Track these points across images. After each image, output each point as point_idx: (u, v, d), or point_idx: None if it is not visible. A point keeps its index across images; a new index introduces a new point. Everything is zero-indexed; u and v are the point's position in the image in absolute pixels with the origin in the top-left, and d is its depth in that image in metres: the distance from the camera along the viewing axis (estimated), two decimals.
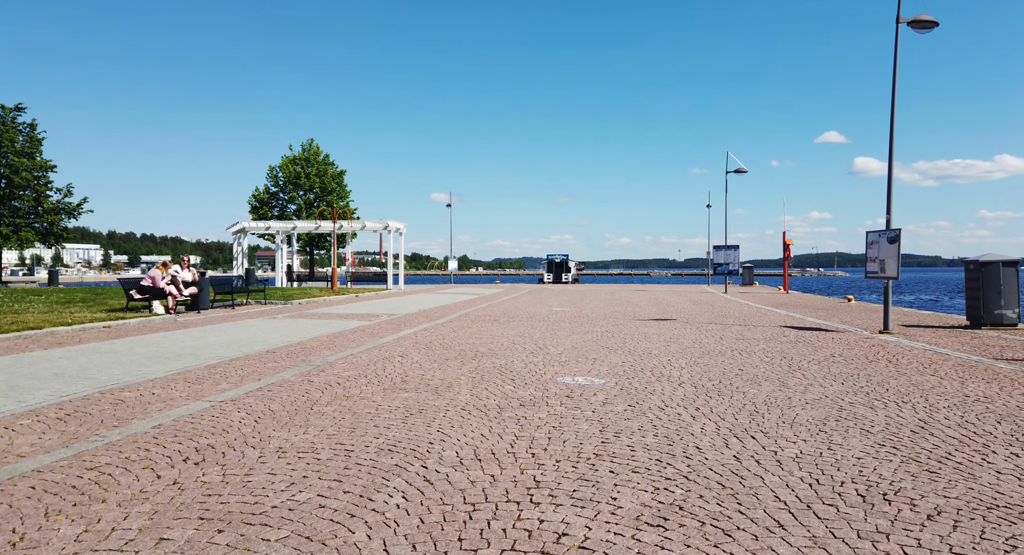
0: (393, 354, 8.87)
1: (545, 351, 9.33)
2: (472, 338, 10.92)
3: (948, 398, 6.14)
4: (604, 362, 8.30)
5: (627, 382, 6.89)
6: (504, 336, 11.27)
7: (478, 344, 10.08)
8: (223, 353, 8.69)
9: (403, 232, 30.58)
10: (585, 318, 15.37)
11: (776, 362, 8.44)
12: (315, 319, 14.38)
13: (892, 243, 12.68)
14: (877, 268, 13.19)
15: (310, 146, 37.81)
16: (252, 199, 37.37)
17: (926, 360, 8.64)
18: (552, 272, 54.98)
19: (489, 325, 13.37)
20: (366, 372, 7.31)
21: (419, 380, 6.87)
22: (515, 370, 7.61)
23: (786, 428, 4.98)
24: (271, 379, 6.76)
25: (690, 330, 12.66)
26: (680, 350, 9.59)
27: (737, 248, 34.69)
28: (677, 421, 5.19)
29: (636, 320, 14.99)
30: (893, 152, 12.79)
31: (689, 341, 10.76)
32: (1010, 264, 13.14)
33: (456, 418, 5.19)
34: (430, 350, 9.35)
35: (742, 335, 11.88)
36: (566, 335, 11.51)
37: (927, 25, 12.10)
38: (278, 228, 30.35)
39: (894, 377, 7.31)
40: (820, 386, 6.75)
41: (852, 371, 7.72)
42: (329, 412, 5.29)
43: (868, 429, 4.95)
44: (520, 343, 10.27)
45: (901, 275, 13.64)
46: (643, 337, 11.31)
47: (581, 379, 7.04)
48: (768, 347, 10.01)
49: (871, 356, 9.05)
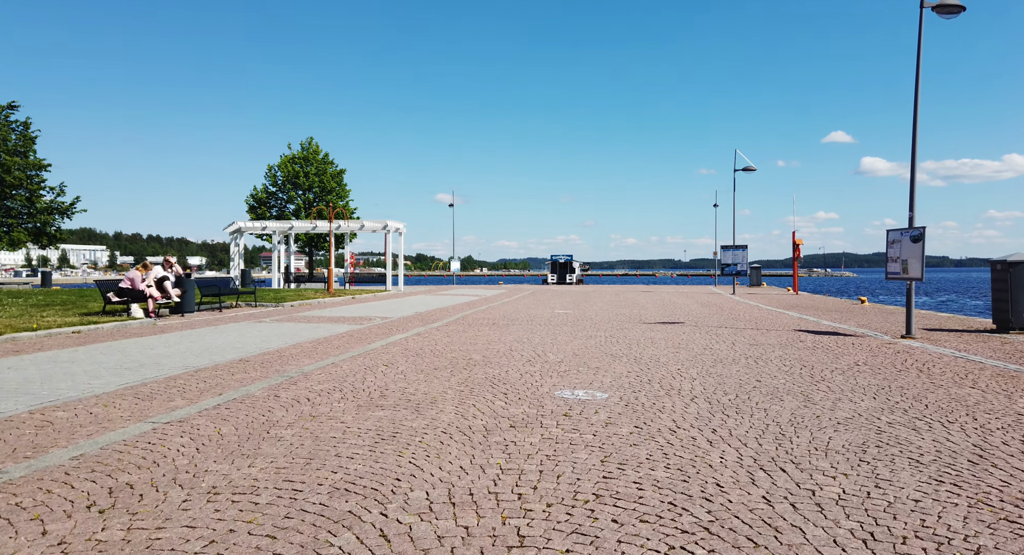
0: (378, 363, 8.15)
1: (544, 359, 8.60)
2: (466, 344, 10.19)
3: (999, 417, 5.37)
4: (608, 372, 7.56)
5: (633, 396, 6.15)
6: (501, 342, 10.54)
7: (472, 351, 9.36)
8: (191, 362, 7.98)
9: (403, 232, 29.88)
10: (588, 321, 14.63)
11: (796, 372, 7.68)
12: (303, 323, 13.68)
13: (916, 242, 11.88)
14: (899, 268, 12.40)
15: (309, 145, 37.12)
16: (250, 199, 36.72)
17: (960, 369, 7.87)
18: (556, 273, 54.24)
19: (486, 329, 12.65)
20: (342, 385, 6.59)
21: (400, 395, 6.14)
22: (509, 382, 6.88)
23: (820, 457, 4.23)
24: (233, 394, 6.05)
25: (700, 335, 11.90)
26: (690, 358, 8.85)
27: (745, 248, 33.88)
28: (692, 447, 4.45)
29: (642, 323, 14.25)
30: (916, 146, 12.00)
31: (699, 347, 10.01)
32: None
33: (434, 444, 4.46)
34: (419, 358, 8.63)
35: (755, 340, 11.12)
36: (567, 340, 10.77)
37: (953, 10, 11.30)
38: (275, 228, 29.68)
39: (930, 390, 6.55)
40: (850, 401, 5.99)
41: (882, 383, 6.95)
42: (287, 436, 4.57)
43: (917, 459, 4.20)
44: (518, 350, 9.54)
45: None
46: (650, 343, 10.56)
47: (581, 393, 6.30)
48: (785, 354, 9.25)
49: (899, 365, 8.28)
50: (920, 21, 11.50)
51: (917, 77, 11.85)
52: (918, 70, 11.82)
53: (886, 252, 12.91)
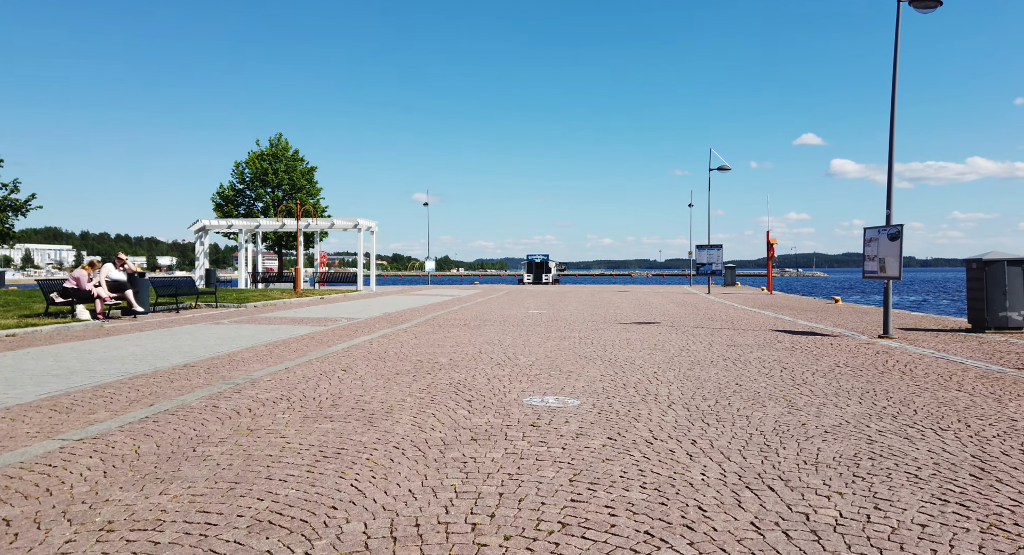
0: (335, 368, 7.60)
1: (514, 362, 8.13)
2: (434, 346, 9.68)
3: (992, 423, 5.06)
4: (581, 376, 7.13)
5: (606, 403, 5.72)
6: (471, 344, 10.06)
7: (439, 354, 8.85)
8: (130, 368, 7.34)
9: (375, 231, 29.17)
10: (563, 322, 14.22)
11: (776, 374, 7.34)
12: (263, 324, 13.02)
13: (893, 240, 11.70)
14: (876, 267, 12.22)
15: (278, 141, 36.04)
16: (216, 196, 35.51)
17: (943, 371, 7.61)
18: (532, 272, 53.90)
19: (457, 330, 12.15)
20: (291, 393, 6.03)
21: (354, 403, 5.62)
22: (475, 388, 6.40)
23: (810, 472, 3.84)
24: (166, 404, 5.46)
25: (676, 335, 11.56)
26: (667, 359, 8.47)
27: (720, 248, 33.91)
28: (670, 462, 4.02)
29: (617, 324, 13.88)
30: (894, 144, 11.82)
31: (676, 348, 9.65)
32: (1016, 263, 12.23)
33: (383, 462, 3.96)
34: (381, 362, 8.10)
35: (733, 341, 10.81)
36: (540, 342, 10.33)
37: (930, 4, 11.14)
38: (241, 226, 28.71)
39: (916, 393, 6.24)
40: (835, 407, 5.64)
41: (866, 386, 6.64)
42: (215, 455, 4.03)
43: (915, 473, 3.83)
44: (487, 352, 9.07)
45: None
46: (625, 344, 10.17)
47: (552, 400, 5.85)
48: (764, 355, 8.93)
49: (880, 366, 8.00)
50: (897, 15, 11.32)
51: (895, 72, 11.67)
52: (895, 65, 11.64)
53: (863, 251, 12.73)
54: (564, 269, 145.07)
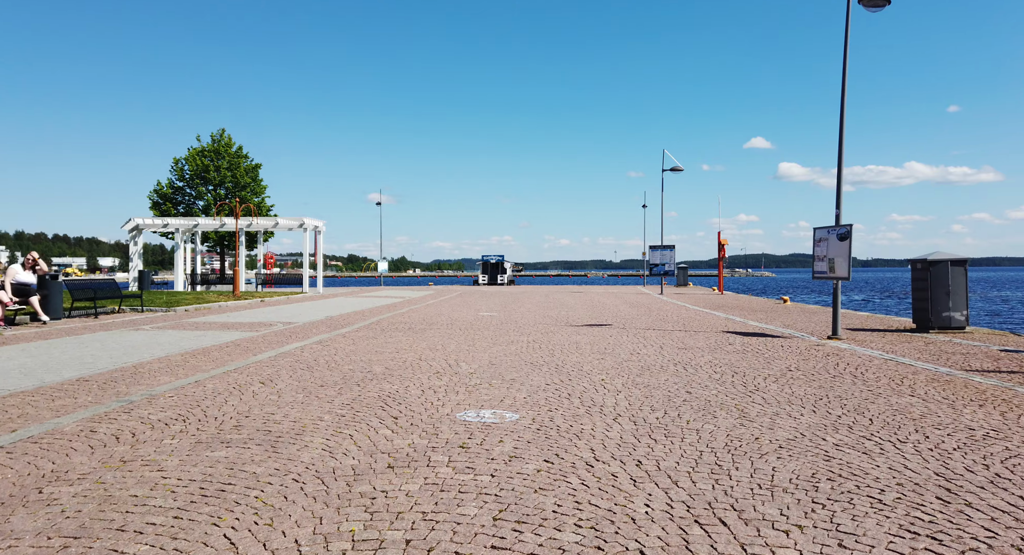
0: (253, 380, 6.88)
1: (455, 370, 7.57)
2: (371, 353, 9.02)
3: (950, 432, 4.78)
4: (524, 385, 6.62)
5: (548, 417, 5.22)
6: (412, 350, 9.44)
7: (374, 362, 8.21)
8: (10, 384, 6.44)
9: (322, 231, 28.07)
10: (513, 325, 13.72)
11: (728, 380, 7.00)
12: (189, 330, 12.06)
13: (843, 240, 11.63)
14: (825, 268, 12.14)
15: (221, 137, 34.31)
16: (153, 194, 33.50)
17: (894, 374, 7.42)
18: (487, 273, 53.33)
19: (400, 335, 11.50)
20: (192, 412, 5.31)
21: (261, 423, 4.95)
22: (406, 401, 5.81)
23: (766, 498, 3.41)
24: (34, 429, 4.68)
25: (627, 338, 11.20)
26: (616, 365, 8.05)
27: (673, 248, 34.06)
28: (611, 490, 3.53)
29: (569, 326, 13.48)
30: (843, 143, 11.76)
31: (626, 352, 9.25)
32: (958, 263, 12.36)
33: (273, 501, 3.34)
34: (309, 372, 7.41)
35: (684, 343, 10.51)
36: (486, 347, 9.79)
37: (879, 2, 11.10)
38: (178, 225, 27.15)
39: (870, 400, 5.97)
40: (789, 416, 5.28)
41: (818, 392, 6.34)
42: (64, 497, 3.33)
43: (879, 498, 3.44)
44: (428, 359, 8.47)
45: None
46: (574, 348, 9.73)
47: (488, 414, 5.32)
48: (715, 359, 8.62)
49: (831, 369, 7.77)
50: (848, 11, 11.24)
51: (844, 72, 11.60)
52: (844, 65, 11.58)
53: (812, 251, 12.66)
54: (521, 270, 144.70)
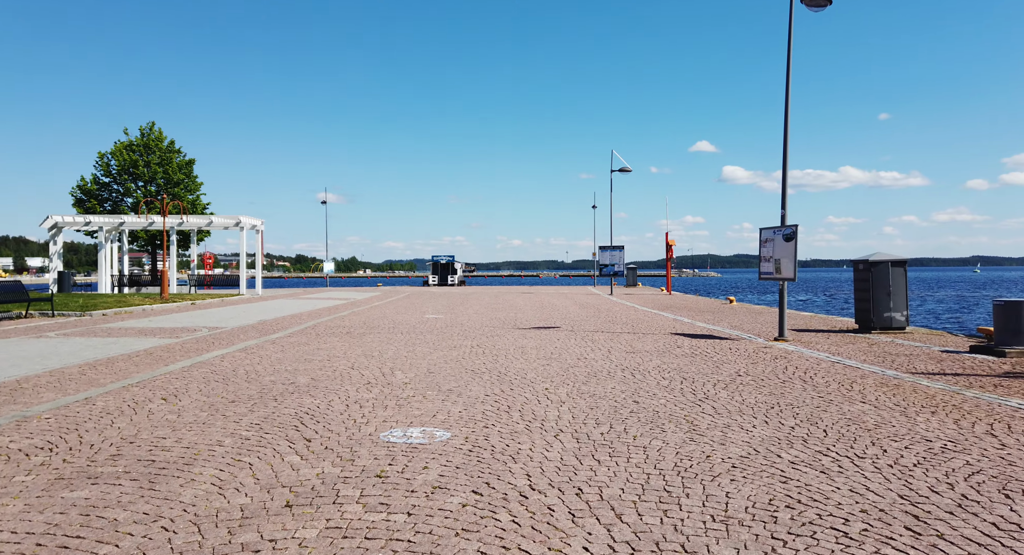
0: (155, 396, 6.12)
1: (388, 380, 6.98)
2: (299, 362, 8.33)
3: (907, 445, 4.53)
4: (461, 396, 6.11)
5: (483, 435, 4.72)
6: (345, 357, 8.78)
7: (301, 371, 7.54)
8: None
9: (260, 230, 26.75)
10: (458, 328, 13.18)
11: (677, 387, 6.67)
12: (100, 337, 11.02)
13: (788, 241, 11.58)
14: (772, 268, 12.08)
15: (150, 130, 32.18)
16: (76, 190, 31.17)
17: (843, 378, 7.26)
18: (437, 274, 52.47)
19: (335, 340, 10.79)
20: (65, 438, 4.57)
21: (146, 451, 4.27)
22: (326, 419, 5.21)
23: (720, 534, 3.00)
24: None
25: (575, 341, 10.83)
26: (562, 371, 7.63)
27: (622, 249, 34.17)
28: (547, 529, 3.06)
29: (516, 329, 13.03)
30: (788, 144, 11.71)
31: (573, 357, 8.86)
32: (898, 264, 12.53)
33: None
34: (224, 384, 6.70)
35: (632, 346, 10.21)
36: (427, 353, 9.22)
37: (821, 2, 11.09)
38: (101, 223, 25.31)
39: (822, 408, 5.72)
40: (741, 428, 4.96)
41: (769, 399, 6.07)
42: None
43: (843, 530, 3.09)
44: (361, 367, 7.85)
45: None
46: (520, 353, 9.28)
47: (417, 433, 4.78)
48: (663, 363, 8.32)
49: (780, 374, 7.56)
50: (791, 10, 11.19)
51: (788, 72, 11.56)
52: (788, 67, 11.54)
53: (759, 252, 12.60)
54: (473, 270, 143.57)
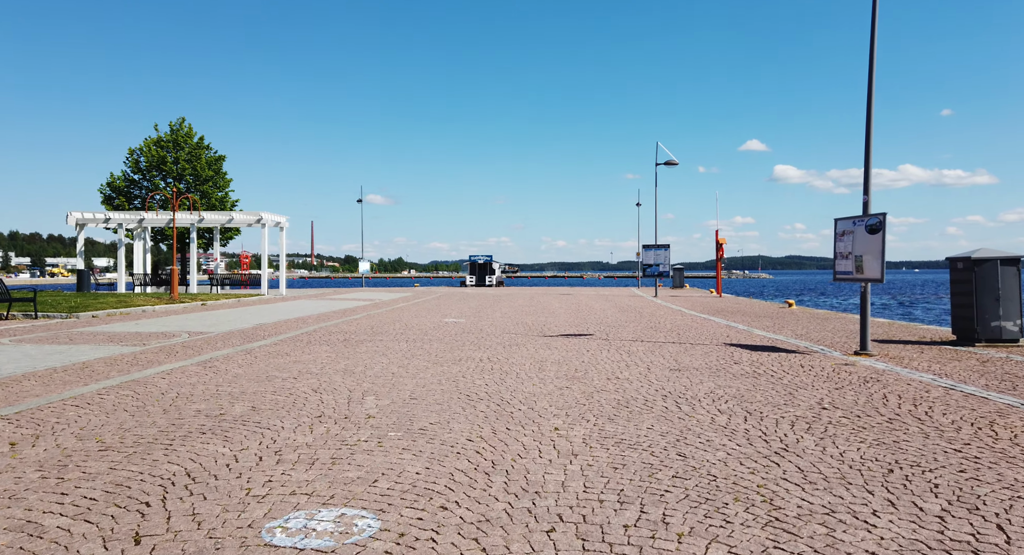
0: (7, 435, 4.57)
1: (347, 413, 5.30)
2: (254, 382, 6.74)
3: None
4: (432, 443, 4.36)
5: (431, 528, 2.95)
6: (318, 375, 7.16)
7: (246, 396, 5.92)
8: None
9: (284, 227, 25.65)
10: (475, 334, 11.46)
11: (740, 428, 4.76)
12: (59, 344, 9.72)
13: (874, 233, 9.36)
14: (851, 267, 9.87)
15: (180, 126, 31.71)
16: (105, 187, 31.01)
17: (974, 415, 5.19)
18: (475, 274, 51.01)
19: (323, 350, 9.21)
20: None
21: None
22: (206, 488, 3.53)
23: None
24: None
25: (608, 353, 8.96)
26: (583, 398, 5.80)
27: (667, 248, 31.84)
28: None
29: (542, 336, 11.23)
30: (872, 117, 9.53)
31: (602, 376, 7.00)
32: (1010, 262, 10.11)
33: None
34: (129, 416, 5.14)
35: (678, 360, 8.27)
36: (421, 369, 7.52)
37: None
38: (120, 220, 24.69)
39: (970, 473, 3.74)
40: (856, 519, 3.04)
41: (880, 454, 4.11)
42: None
43: None
44: (327, 391, 6.20)
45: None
46: (536, 370, 7.48)
47: (325, 524, 3.04)
48: (718, 387, 6.39)
49: (882, 407, 5.53)
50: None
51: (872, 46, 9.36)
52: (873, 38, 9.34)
53: (834, 248, 10.40)
54: (516, 271, 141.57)
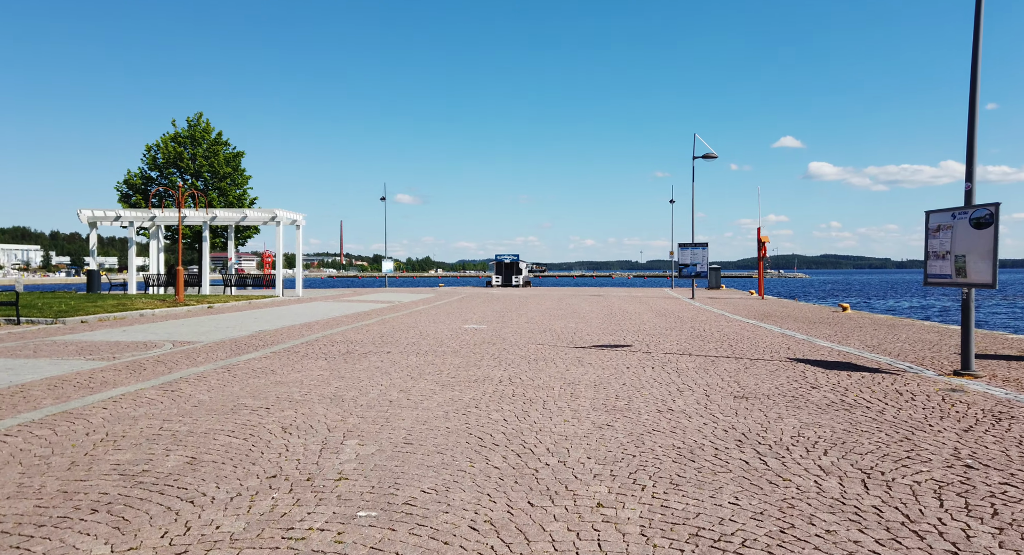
0: None
1: (311, 474, 3.91)
2: (217, 414, 5.41)
3: None
4: (419, 535, 2.93)
5: None
6: (299, 403, 5.80)
7: (190, 440, 4.59)
8: None
9: (301, 225, 24.60)
10: (496, 346, 10.03)
11: (865, 505, 3.22)
12: (24, 358, 8.57)
13: (982, 227, 7.62)
14: (948, 269, 8.11)
15: (198, 121, 30.98)
16: (122, 185, 30.38)
17: None
18: (501, 274, 49.54)
19: (318, 365, 7.88)
20: None
21: None
22: None
23: None
24: None
25: (652, 372, 7.44)
26: (630, 445, 4.30)
27: (706, 246, 30.04)
28: None
29: (573, 348, 9.75)
30: (977, 87, 7.80)
31: (651, 409, 5.48)
32: None
33: None
34: (25, 470, 3.82)
35: (740, 383, 6.72)
36: (427, 394, 6.11)
37: None
38: (131, 218, 23.93)
39: None
40: None
41: None
42: None
43: None
44: (298, 430, 4.83)
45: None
46: (568, 397, 6.00)
47: None
48: (804, 426, 4.83)
49: None
50: None
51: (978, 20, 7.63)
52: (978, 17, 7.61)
53: (925, 245, 8.65)
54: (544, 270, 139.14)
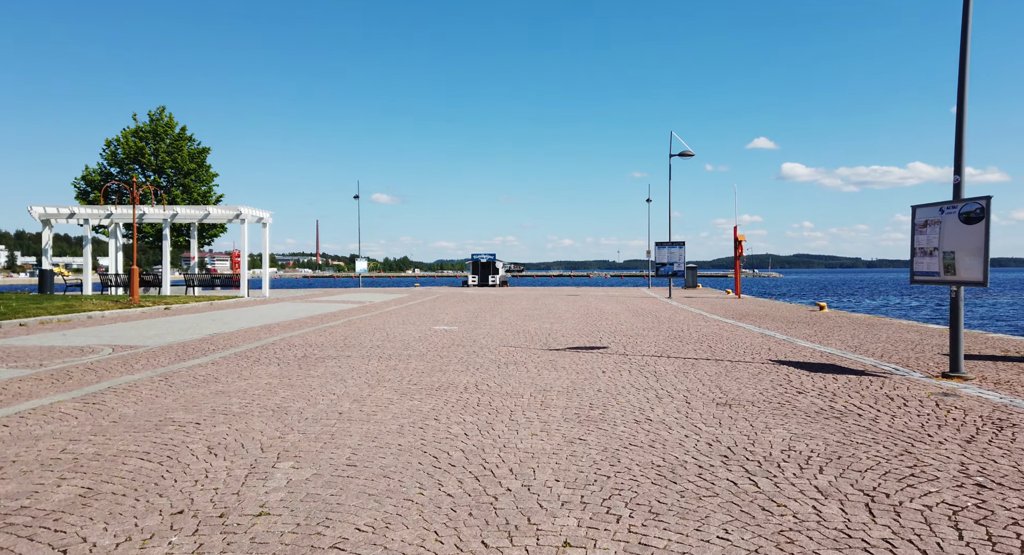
0: None
1: (225, 509, 3.32)
2: (139, 430, 4.76)
3: None
4: None
5: None
6: (241, 414, 5.17)
7: (101, 460, 3.95)
8: None
9: (267, 223, 23.71)
10: (468, 348, 9.46)
11: (874, 537, 2.72)
12: None
13: (972, 222, 7.26)
14: (936, 266, 7.75)
15: (160, 116, 29.80)
16: (79, 181, 29.10)
17: None
18: (477, 274, 48.97)
19: (268, 372, 7.23)
20: None
21: None
22: None
23: None
24: None
25: (629, 377, 6.93)
26: (604, 463, 3.77)
27: (683, 245, 29.72)
28: None
29: (547, 350, 9.24)
30: (966, 74, 7.45)
31: (627, 418, 4.95)
32: None
33: None
34: None
35: (722, 388, 6.25)
36: (384, 404, 5.51)
37: None
38: (86, 215, 22.81)
39: None
40: None
41: None
42: None
43: None
44: (229, 447, 4.22)
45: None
46: (538, 404, 5.45)
47: None
48: (794, 437, 4.35)
49: None
50: None
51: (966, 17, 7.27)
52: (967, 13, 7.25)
53: (911, 241, 8.29)
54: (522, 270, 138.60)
